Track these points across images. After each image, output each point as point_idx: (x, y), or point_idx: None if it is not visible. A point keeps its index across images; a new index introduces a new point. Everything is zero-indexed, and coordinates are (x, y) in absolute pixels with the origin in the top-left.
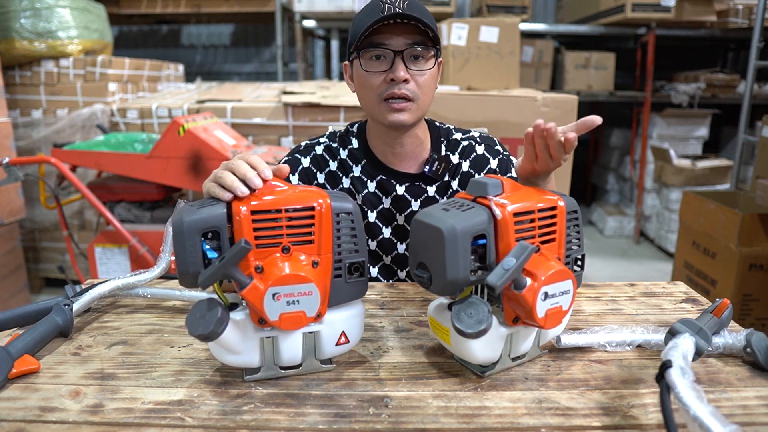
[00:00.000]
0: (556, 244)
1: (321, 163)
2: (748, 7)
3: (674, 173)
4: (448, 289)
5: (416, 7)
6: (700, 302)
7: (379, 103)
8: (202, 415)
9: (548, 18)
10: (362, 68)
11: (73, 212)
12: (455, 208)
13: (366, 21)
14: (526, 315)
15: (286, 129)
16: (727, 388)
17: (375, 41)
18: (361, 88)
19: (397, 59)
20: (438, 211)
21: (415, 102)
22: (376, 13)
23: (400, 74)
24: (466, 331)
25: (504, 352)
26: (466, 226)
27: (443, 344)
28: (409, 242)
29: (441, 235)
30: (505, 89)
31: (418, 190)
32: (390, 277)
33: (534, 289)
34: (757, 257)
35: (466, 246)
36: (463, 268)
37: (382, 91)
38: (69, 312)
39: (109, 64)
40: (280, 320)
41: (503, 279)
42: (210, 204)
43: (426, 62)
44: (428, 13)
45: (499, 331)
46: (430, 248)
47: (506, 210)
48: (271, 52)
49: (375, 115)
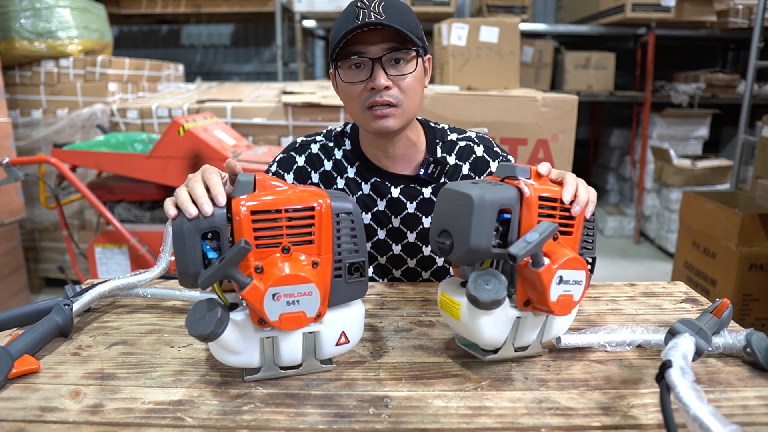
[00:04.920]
0: (572, 239)
1: (316, 163)
2: (748, 7)
3: (674, 173)
4: (468, 258)
5: (392, 8)
6: (700, 302)
7: (363, 111)
8: (202, 415)
9: (548, 18)
10: (342, 79)
11: (73, 212)
12: (485, 183)
13: (341, 29)
14: (539, 298)
15: (286, 129)
16: (727, 388)
17: (352, 50)
18: (344, 97)
19: (376, 66)
20: (468, 184)
21: (399, 107)
22: (351, 20)
23: (380, 82)
24: (482, 300)
25: (509, 338)
26: (495, 197)
27: (450, 322)
28: (433, 213)
29: (471, 201)
30: (505, 89)
31: (413, 192)
32: (385, 275)
33: (551, 269)
34: (757, 257)
35: (493, 216)
36: (486, 237)
37: (364, 99)
38: (69, 312)
39: (109, 64)
40: (280, 320)
41: (525, 251)
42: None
43: (407, 65)
44: (407, 12)
45: (509, 313)
46: (457, 215)
47: (534, 190)
48: (271, 52)
49: (361, 123)
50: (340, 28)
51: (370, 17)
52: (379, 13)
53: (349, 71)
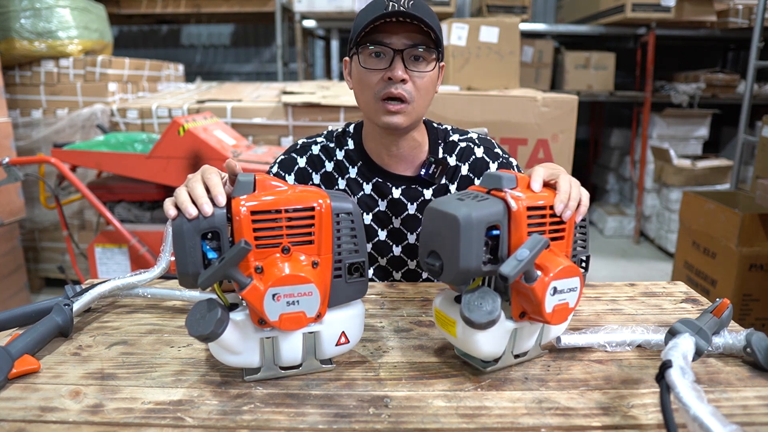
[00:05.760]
0: (564, 243)
1: (317, 164)
2: (748, 7)
3: (674, 173)
4: (460, 279)
5: (421, 8)
6: (700, 302)
7: (375, 102)
8: (202, 415)
9: (548, 18)
10: (360, 64)
11: (73, 212)
12: (470, 199)
13: (368, 17)
14: (534, 309)
15: (286, 129)
16: (727, 388)
17: (376, 38)
18: (358, 84)
19: (396, 58)
20: (453, 200)
21: (410, 104)
22: (379, 9)
23: (398, 73)
24: (476, 321)
25: (507, 348)
26: (482, 215)
27: (447, 337)
28: (420, 231)
29: (456, 222)
30: (505, 89)
31: (414, 193)
32: (385, 277)
33: (544, 282)
34: (757, 257)
35: (481, 235)
36: (476, 258)
37: (379, 89)
38: (69, 312)
39: (109, 64)
40: (280, 321)
41: (517, 269)
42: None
43: (426, 64)
44: (433, 15)
45: (505, 326)
46: (444, 236)
47: (521, 202)
48: (271, 52)
49: (370, 114)
50: (367, 15)
51: (401, 9)
52: (408, 7)
53: (369, 58)
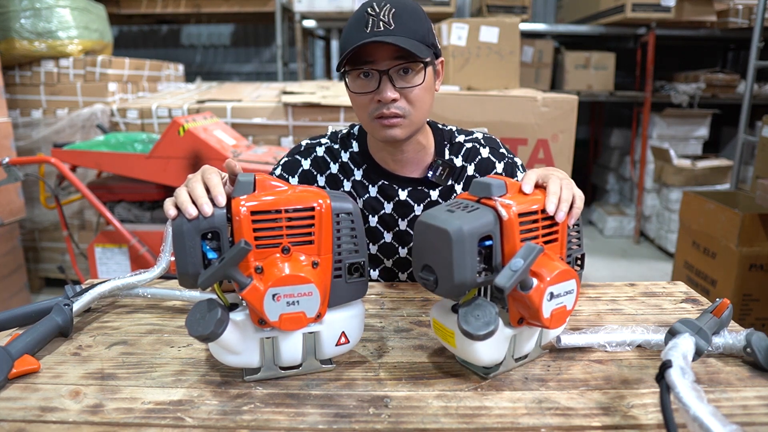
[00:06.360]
0: (558, 244)
1: (322, 166)
2: (748, 7)
3: (674, 173)
4: (455, 292)
5: (403, 16)
6: (700, 302)
7: (371, 120)
8: (202, 415)
9: (548, 18)
10: (350, 89)
11: (73, 212)
12: (460, 209)
13: (350, 38)
14: (532, 315)
15: (286, 129)
16: (727, 388)
17: (360, 59)
18: (353, 104)
19: (383, 79)
20: (443, 213)
21: (407, 118)
22: (360, 28)
23: (386, 95)
24: (475, 334)
25: (508, 353)
26: (473, 227)
27: (447, 346)
28: (412, 245)
29: (448, 236)
30: (505, 89)
31: (421, 195)
32: (391, 279)
33: (540, 289)
34: (757, 257)
35: (473, 247)
36: (470, 270)
37: (372, 110)
38: (69, 312)
39: (109, 64)
40: (280, 321)
41: (512, 280)
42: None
43: (415, 76)
44: (418, 18)
45: (504, 333)
46: (437, 250)
47: (512, 210)
48: (271, 52)
49: (369, 130)
50: (349, 36)
51: (380, 27)
52: (389, 23)
53: (357, 80)
